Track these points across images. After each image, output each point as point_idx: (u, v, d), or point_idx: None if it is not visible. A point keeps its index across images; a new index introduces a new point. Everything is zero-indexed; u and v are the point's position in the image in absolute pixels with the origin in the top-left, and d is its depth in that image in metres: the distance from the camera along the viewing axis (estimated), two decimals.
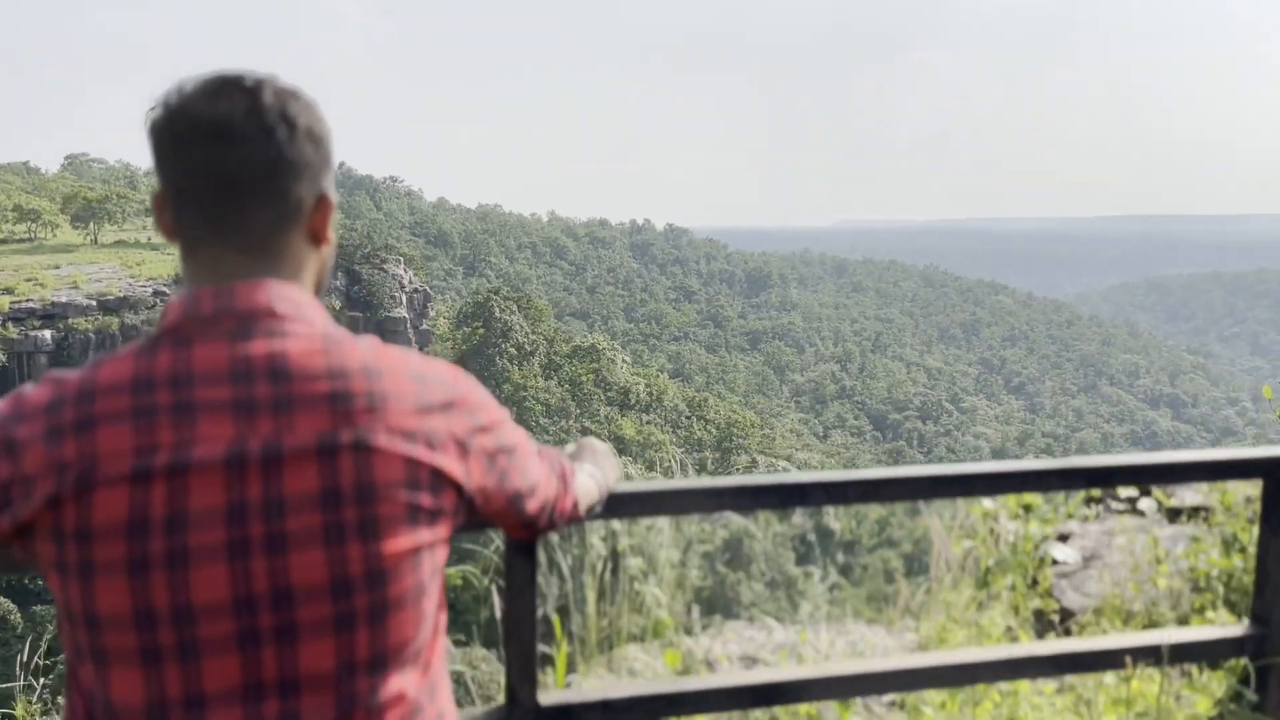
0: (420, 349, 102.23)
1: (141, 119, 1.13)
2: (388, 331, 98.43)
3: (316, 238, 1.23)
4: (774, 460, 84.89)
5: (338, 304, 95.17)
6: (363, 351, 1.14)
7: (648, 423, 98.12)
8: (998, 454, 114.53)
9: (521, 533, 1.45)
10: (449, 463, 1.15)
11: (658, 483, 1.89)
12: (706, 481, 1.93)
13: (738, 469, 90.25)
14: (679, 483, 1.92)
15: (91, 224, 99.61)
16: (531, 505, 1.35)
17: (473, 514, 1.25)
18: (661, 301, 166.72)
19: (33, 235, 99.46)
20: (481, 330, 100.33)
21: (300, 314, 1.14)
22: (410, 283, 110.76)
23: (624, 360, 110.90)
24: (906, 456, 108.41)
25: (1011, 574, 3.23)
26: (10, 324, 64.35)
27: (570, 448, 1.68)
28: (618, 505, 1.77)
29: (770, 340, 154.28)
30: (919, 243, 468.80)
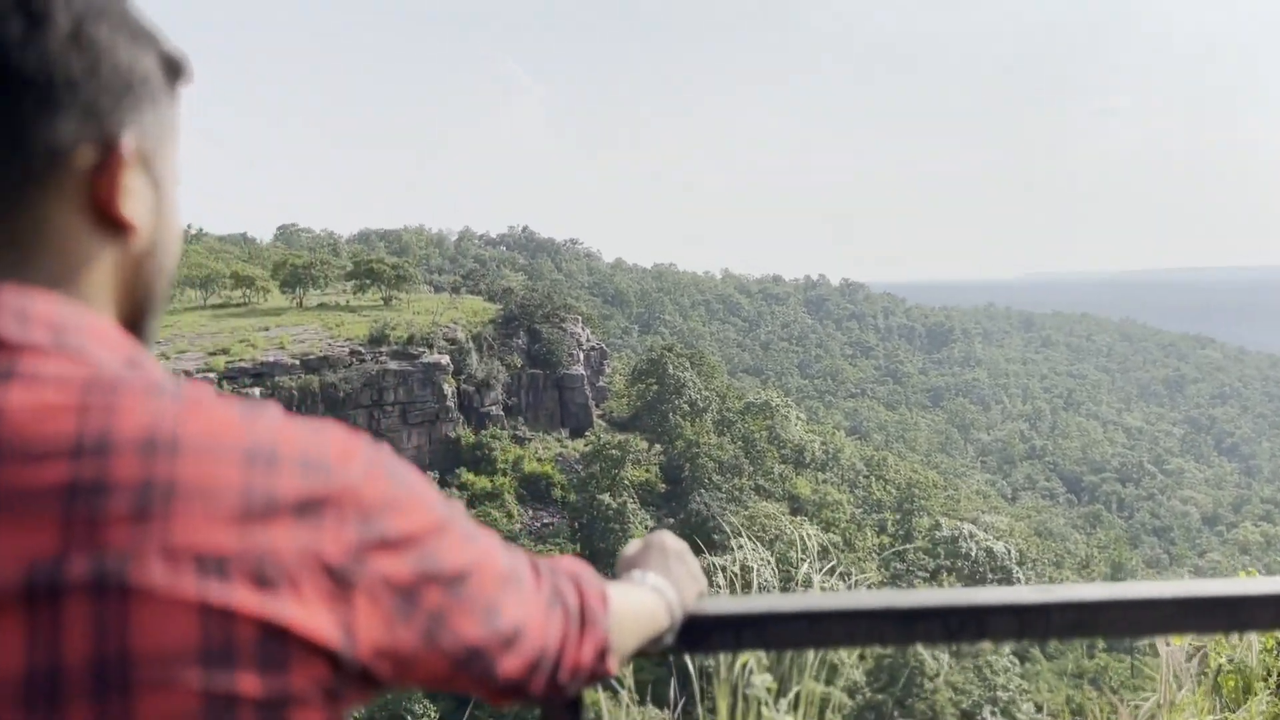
0: (597, 405, 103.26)
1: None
2: (566, 388, 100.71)
3: (104, 215, 0.72)
4: (958, 523, 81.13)
5: (519, 362, 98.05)
6: (160, 408, 0.63)
7: (824, 482, 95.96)
8: (1209, 520, 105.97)
9: (500, 700, 0.84)
10: (302, 611, 0.62)
11: (762, 600, 1.33)
12: (834, 600, 1.39)
13: (920, 532, 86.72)
14: (795, 600, 1.36)
15: (298, 289, 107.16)
16: (508, 664, 0.80)
17: (380, 687, 0.70)
18: (837, 357, 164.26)
19: (247, 300, 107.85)
20: (655, 386, 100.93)
21: (61, 344, 0.65)
22: (588, 340, 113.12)
23: (798, 417, 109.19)
24: (1105, 521, 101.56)
25: (1255, 685, 2.71)
26: (226, 382, 69.65)
27: (633, 547, 1.19)
28: (700, 635, 1.22)
29: (953, 397, 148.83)
30: (1112, 295, 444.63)
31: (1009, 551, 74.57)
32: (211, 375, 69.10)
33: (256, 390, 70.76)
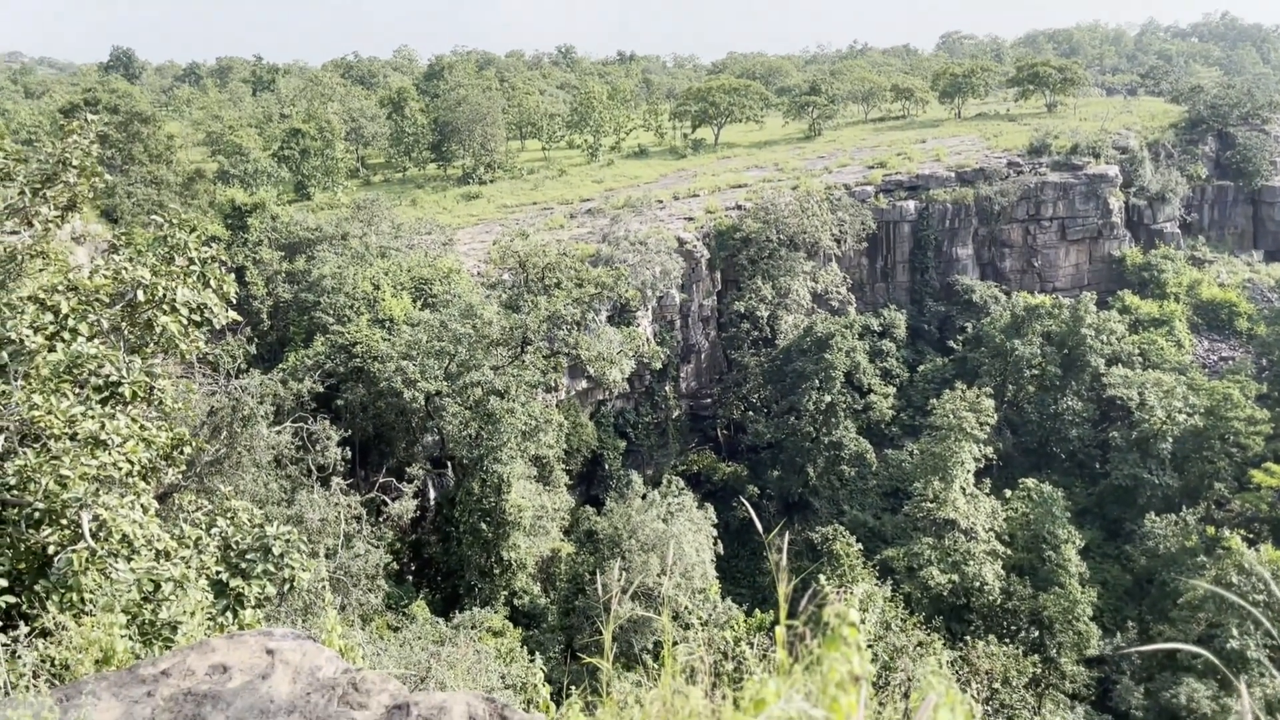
0: None
1: None
2: (1262, 203, 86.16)
3: None
4: None
5: (1204, 172, 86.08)
6: None
7: None
8: None
9: None
10: None
11: None
12: None
13: None
14: None
15: (956, 99, 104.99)
16: None
17: None
18: None
19: (906, 112, 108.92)
20: None
21: None
22: None
23: None
24: None
25: None
26: (881, 195, 71.87)
27: None
28: None
29: None
30: None
31: None
32: (869, 189, 71.78)
33: (911, 204, 71.90)
